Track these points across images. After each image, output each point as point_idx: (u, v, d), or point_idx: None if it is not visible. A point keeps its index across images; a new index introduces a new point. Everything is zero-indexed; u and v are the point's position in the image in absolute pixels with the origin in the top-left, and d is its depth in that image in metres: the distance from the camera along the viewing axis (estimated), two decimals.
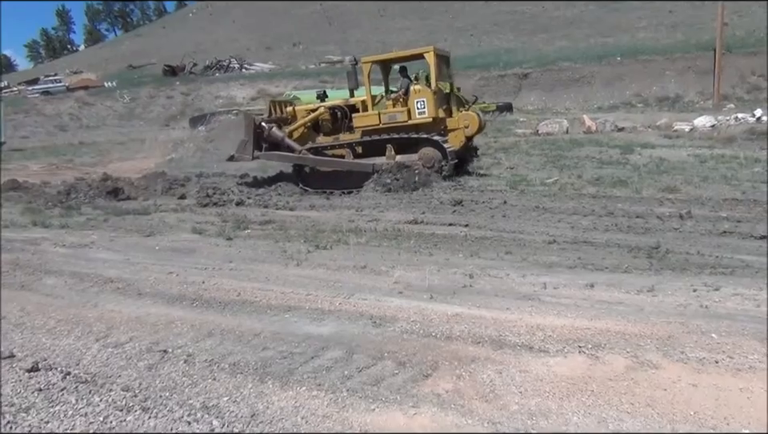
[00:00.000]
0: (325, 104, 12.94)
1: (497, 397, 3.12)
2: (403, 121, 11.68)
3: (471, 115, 11.91)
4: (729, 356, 3.43)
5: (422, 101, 11.54)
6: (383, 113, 11.90)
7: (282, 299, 4.82)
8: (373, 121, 11.98)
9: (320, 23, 65.37)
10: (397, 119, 11.77)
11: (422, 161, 11.35)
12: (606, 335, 3.77)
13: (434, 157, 11.36)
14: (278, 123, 12.88)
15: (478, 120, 11.85)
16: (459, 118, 11.87)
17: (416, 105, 11.59)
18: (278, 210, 9.29)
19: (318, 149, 12.38)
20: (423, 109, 11.50)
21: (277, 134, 12.60)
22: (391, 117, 11.83)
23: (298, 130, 12.80)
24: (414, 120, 11.61)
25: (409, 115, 11.65)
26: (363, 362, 3.59)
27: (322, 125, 12.67)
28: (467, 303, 4.52)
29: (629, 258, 5.70)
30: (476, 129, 11.83)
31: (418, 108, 11.57)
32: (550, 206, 8.54)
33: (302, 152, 12.28)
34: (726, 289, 4.58)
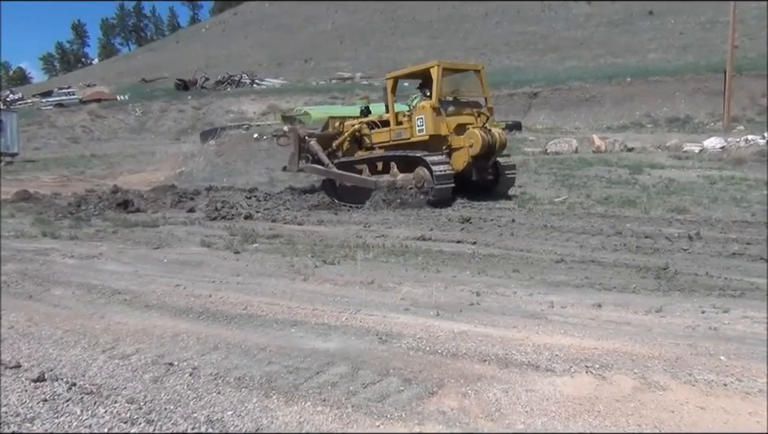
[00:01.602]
0: (363, 119, 13.15)
1: (502, 416, 3.10)
2: (406, 138, 11.63)
3: (474, 133, 11.10)
4: (738, 379, 3.39)
5: (421, 118, 11.30)
6: (393, 130, 11.88)
7: (288, 314, 4.82)
8: (385, 137, 12.06)
9: (331, 41, 65.96)
10: (401, 136, 11.74)
11: (414, 181, 11.18)
12: (614, 356, 3.74)
13: (424, 178, 11.02)
14: (324, 137, 13.30)
15: (483, 139, 10.95)
16: (464, 136, 11.30)
17: (416, 122, 11.43)
18: (286, 224, 9.33)
19: (344, 163, 12.52)
20: (422, 126, 11.26)
21: (313, 148, 13.01)
22: (398, 134, 11.82)
23: (343, 144, 13.13)
24: (414, 137, 11.51)
25: (411, 133, 11.57)
26: (369, 378, 3.57)
27: (362, 140, 12.92)
28: (474, 320, 4.50)
29: (637, 278, 5.67)
30: (479, 148, 10.95)
31: (417, 125, 11.38)
32: (558, 225, 8.53)
33: (329, 166, 12.50)
34: (735, 311, 4.55)
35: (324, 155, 12.83)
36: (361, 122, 13.10)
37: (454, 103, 11.75)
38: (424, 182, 10.95)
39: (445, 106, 11.41)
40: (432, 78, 11.27)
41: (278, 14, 78.48)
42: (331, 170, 12.61)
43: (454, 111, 11.55)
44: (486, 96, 12.16)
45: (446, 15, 68.03)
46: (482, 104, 12.01)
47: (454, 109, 11.60)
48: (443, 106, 11.37)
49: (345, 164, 12.65)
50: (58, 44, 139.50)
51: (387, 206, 10.69)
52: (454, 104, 11.75)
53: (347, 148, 13.15)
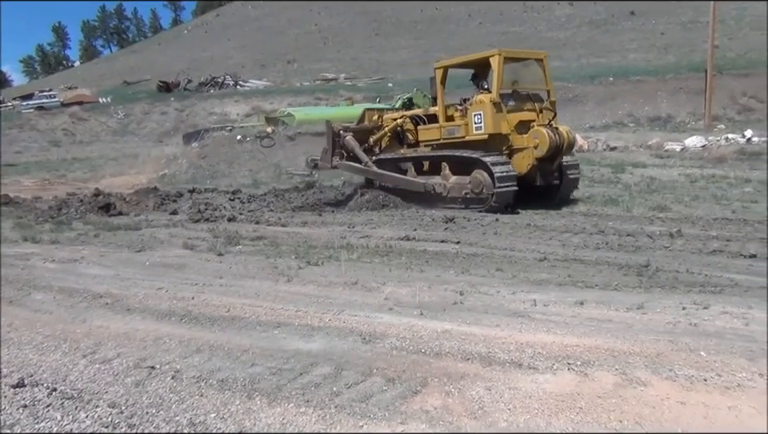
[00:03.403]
0: (406, 113, 12.03)
1: (485, 414, 3.11)
2: (460, 136, 10.35)
3: (540, 132, 9.77)
4: (717, 374, 3.43)
5: (479, 114, 9.93)
6: (444, 126, 10.66)
7: (271, 315, 4.80)
8: (434, 135, 10.87)
9: (314, 42, 65.86)
10: (454, 134, 10.47)
11: (471, 185, 9.94)
12: (595, 353, 3.77)
13: (482, 183, 9.72)
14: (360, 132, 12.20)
15: (550, 139, 9.64)
16: (528, 135, 9.93)
17: (473, 118, 10.03)
18: (270, 226, 9.29)
19: (385, 161, 11.53)
20: (480, 123, 9.89)
21: (349, 143, 11.95)
22: (450, 131, 10.55)
23: (383, 139, 12.07)
24: (470, 136, 10.17)
25: (467, 130, 10.23)
26: (352, 378, 3.57)
27: (404, 136, 11.77)
28: (457, 319, 4.52)
29: (619, 275, 5.72)
30: (546, 149, 9.65)
31: (475, 122, 9.99)
32: (541, 223, 8.58)
33: (368, 163, 11.54)
34: (715, 307, 4.60)
35: (362, 152, 11.78)
36: (404, 115, 11.88)
37: (514, 97, 10.33)
38: (483, 187, 9.74)
39: (505, 100, 10.07)
40: (492, 68, 9.97)
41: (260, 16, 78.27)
42: (371, 169, 11.54)
43: (514, 107, 10.17)
44: (548, 88, 10.74)
45: (429, 16, 68.20)
46: (543, 98, 10.62)
47: (514, 104, 10.21)
48: (503, 101, 10.04)
49: (385, 162, 11.54)
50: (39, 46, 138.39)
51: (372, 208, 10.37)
52: (514, 98, 10.32)
53: (386, 144, 12.04)
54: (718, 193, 10.51)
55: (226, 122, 26.46)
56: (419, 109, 11.96)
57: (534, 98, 10.44)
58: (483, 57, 10.38)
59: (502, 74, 9.91)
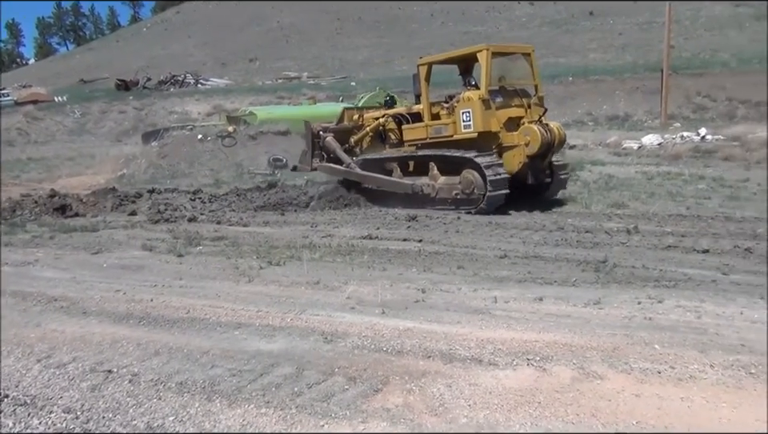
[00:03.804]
0: (388, 111, 11.51)
1: (446, 411, 3.13)
2: (448, 135, 9.90)
3: (531, 129, 9.45)
4: (671, 367, 3.52)
5: (467, 111, 9.53)
6: (431, 125, 10.21)
7: (232, 316, 4.76)
8: (420, 134, 10.42)
9: (277, 40, 65.35)
10: (442, 133, 10.03)
11: (462, 186, 9.57)
12: (554, 348, 3.83)
13: (473, 183, 9.37)
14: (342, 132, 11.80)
15: (542, 136, 9.36)
16: (519, 132, 9.58)
17: (462, 116, 9.61)
18: (231, 226, 9.18)
19: (367, 162, 11.10)
20: (469, 121, 9.49)
21: (330, 144, 11.58)
22: (437, 130, 10.12)
23: (364, 139, 11.64)
24: (459, 134, 9.73)
25: (455, 129, 9.80)
26: (313, 378, 3.56)
27: (386, 136, 11.30)
28: (419, 317, 4.54)
29: (577, 272, 5.82)
30: (538, 146, 9.34)
31: (463, 120, 9.58)
32: (502, 221, 8.66)
33: (350, 165, 11.14)
34: (669, 301, 4.71)
35: (344, 153, 11.43)
36: (386, 114, 11.39)
37: (502, 93, 9.89)
38: (474, 187, 9.37)
39: (493, 97, 9.66)
40: (480, 63, 9.58)
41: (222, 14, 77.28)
42: (353, 171, 11.09)
43: (502, 103, 9.74)
44: (536, 83, 10.32)
45: (391, 15, 68.24)
46: (530, 93, 10.25)
47: (502, 100, 9.78)
48: (492, 97, 9.63)
49: (369, 163, 11.10)
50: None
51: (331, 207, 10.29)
52: (502, 94, 9.88)
53: (368, 144, 11.60)
54: (673, 190, 10.76)
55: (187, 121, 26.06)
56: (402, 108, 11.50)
57: (521, 94, 10.11)
58: (470, 52, 10.09)
59: (491, 70, 9.56)
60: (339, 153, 11.51)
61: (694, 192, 10.56)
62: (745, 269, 5.80)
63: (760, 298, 4.76)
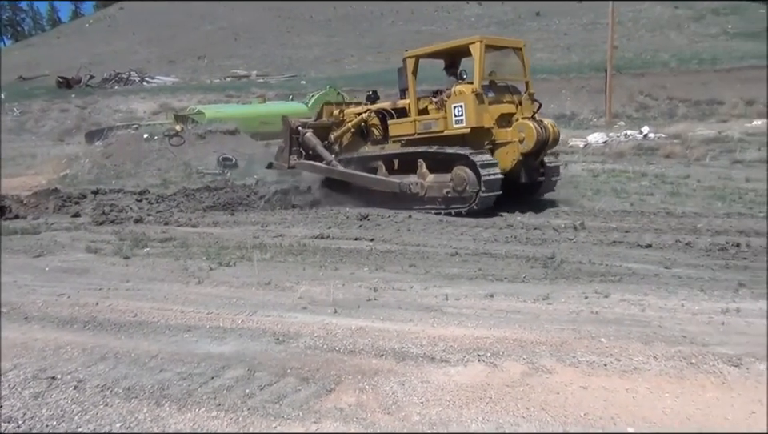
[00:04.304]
0: (371, 107, 11.05)
1: (399, 409, 3.15)
2: (439, 131, 9.51)
3: (526, 126, 9.12)
4: (616, 359, 3.62)
5: (459, 106, 9.13)
6: (419, 120, 9.79)
7: (181, 319, 4.67)
8: (408, 129, 9.97)
9: (225, 38, 64.40)
10: (432, 128, 9.61)
11: (453, 183, 9.20)
12: (504, 343, 3.89)
13: (466, 180, 9.00)
14: (321, 128, 11.36)
15: (537, 132, 9.05)
16: (512, 129, 9.29)
17: (453, 111, 9.21)
18: (180, 226, 9.01)
19: (349, 160, 10.70)
20: (461, 116, 9.11)
21: (310, 141, 11.11)
22: (426, 125, 9.69)
23: (345, 136, 11.19)
24: (450, 130, 9.35)
25: (445, 124, 9.41)
26: (265, 379, 3.52)
27: (369, 132, 10.92)
28: (371, 316, 4.55)
29: (526, 268, 5.92)
30: (533, 144, 9.05)
31: (455, 115, 9.19)
32: (452, 219, 8.75)
33: (332, 162, 10.72)
34: (614, 296, 4.84)
35: (325, 150, 10.98)
36: (368, 109, 10.97)
37: (493, 88, 9.61)
38: (466, 185, 9.00)
39: (485, 92, 9.36)
40: (473, 57, 9.24)
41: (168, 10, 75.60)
42: (335, 169, 10.65)
43: (494, 98, 9.44)
44: (527, 79, 10.05)
45: (342, 14, 68.09)
46: (519, 90, 9.95)
47: (494, 95, 9.49)
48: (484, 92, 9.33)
49: (351, 160, 10.69)
50: None
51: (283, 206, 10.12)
52: (493, 89, 9.60)
53: (348, 141, 11.19)
54: (618, 187, 11.07)
55: (132, 120, 25.42)
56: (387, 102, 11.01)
57: (512, 90, 9.86)
58: (462, 44, 9.71)
59: (484, 64, 9.24)
60: (320, 149, 11.07)
61: (638, 189, 10.88)
62: (686, 263, 6.02)
63: (700, 290, 4.93)
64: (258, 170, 14.73)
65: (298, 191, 11.52)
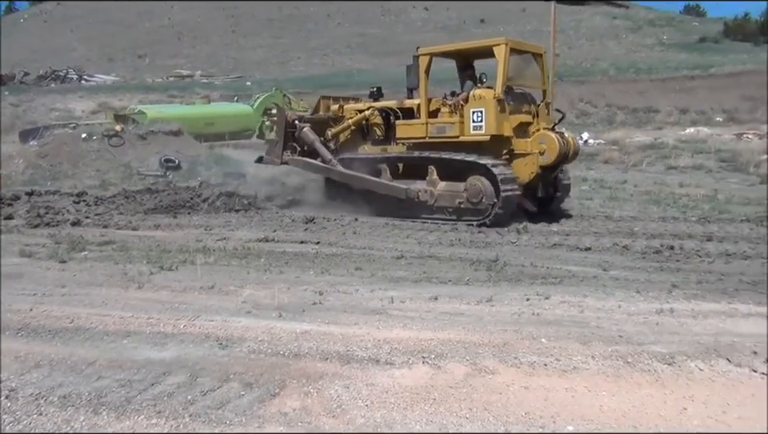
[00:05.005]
0: (374, 104, 10.41)
1: (343, 412, 3.15)
2: (453, 136, 8.93)
3: (549, 137, 8.66)
4: (556, 359, 3.71)
5: (479, 111, 8.59)
6: (432, 123, 9.18)
7: (120, 325, 4.54)
8: (419, 132, 9.31)
9: (168, 37, 63.13)
10: (446, 133, 9.02)
11: (467, 193, 8.67)
12: (448, 345, 3.94)
13: (482, 192, 8.49)
14: (319, 123, 10.73)
15: (559, 145, 8.59)
16: (533, 139, 8.79)
17: (472, 116, 8.65)
18: (120, 229, 8.77)
19: (352, 160, 10.11)
20: (480, 122, 8.57)
21: (308, 136, 10.41)
22: (440, 129, 9.10)
23: (343, 134, 10.59)
24: (466, 136, 8.77)
25: (461, 129, 8.85)
26: (208, 385, 3.47)
27: (369, 131, 10.30)
28: (316, 319, 4.53)
29: (470, 271, 6.01)
30: (554, 156, 8.57)
31: (473, 120, 8.62)
32: (398, 223, 8.81)
33: (332, 162, 10.12)
34: (555, 297, 4.97)
35: (325, 149, 10.35)
36: (372, 107, 10.32)
37: (511, 95, 9.01)
38: (482, 197, 8.47)
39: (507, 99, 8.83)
40: (497, 59, 8.72)
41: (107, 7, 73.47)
42: (334, 169, 10.06)
43: (513, 106, 8.94)
44: (545, 88, 9.58)
45: (288, 15, 67.67)
46: (534, 98, 9.52)
47: (513, 103, 8.96)
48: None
49: (351, 161, 10.06)
50: None
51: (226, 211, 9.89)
52: (512, 96, 9.03)
53: (346, 139, 10.59)
54: None
55: (70, 119, 24.61)
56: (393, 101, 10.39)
57: (528, 98, 9.40)
58: (484, 45, 9.23)
59: (509, 67, 8.75)
60: (318, 146, 10.42)
61: (578, 193, 11.18)
62: (623, 265, 6.22)
63: (636, 292, 5.11)
64: (203, 171, 14.50)
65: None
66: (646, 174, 13.86)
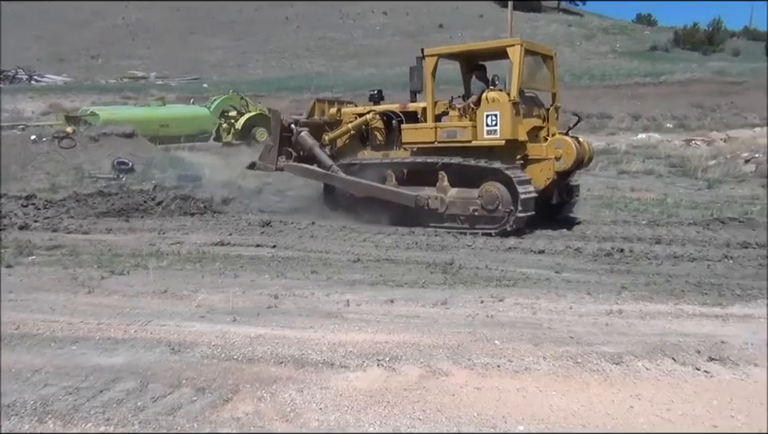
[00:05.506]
0: (375, 108, 9.96)
1: (297, 416, 3.13)
2: (466, 141, 8.55)
3: (565, 142, 8.50)
4: (509, 360, 3.76)
5: (494, 114, 8.24)
6: (441, 127, 8.80)
7: (68, 331, 4.43)
8: (427, 137, 8.89)
9: (122, 37, 61.91)
10: (457, 137, 8.64)
11: (481, 200, 8.31)
12: (403, 348, 3.96)
13: (498, 198, 8.17)
14: (314, 127, 10.26)
15: (577, 150, 8.44)
16: (549, 144, 8.60)
17: (486, 119, 8.30)
18: (70, 233, 8.55)
19: (354, 166, 9.66)
20: (495, 126, 8.23)
21: (306, 141, 9.93)
22: (450, 133, 8.71)
23: (341, 138, 10.12)
24: (479, 141, 8.41)
25: (474, 134, 8.50)
26: (159, 391, 3.41)
27: (370, 135, 9.87)
28: (271, 323, 4.50)
29: (426, 273, 6.05)
30: (571, 162, 8.44)
31: (487, 124, 8.28)
32: (355, 226, 8.81)
33: (332, 168, 9.65)
34: (508, 299, 5.04)
35: (324, 154, 9.89)
36: (372, 111, 9.88)
37: (522, 98, 8.65)
38: (498, 204, 8.16)
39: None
40: (512, 61, 8.39)
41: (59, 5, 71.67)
42: (336, 176, 9.60)
43: (526, 110, 8.68)
44: (555, 91, 9.38)
45: (247, 17, 67.04)
46: (542, 102, 9.27)
47: (525, 107, 8.68)
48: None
49: (354, 167, 9.66)
50: None
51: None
52: (523, 100, 8.70)
53: (344, 144, 10.12)
54: None
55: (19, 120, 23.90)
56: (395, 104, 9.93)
57: (537, 102, 9.15)
58: (497, 46, 8.99)
59: (524, 69, 8.46)
60: (317, 152, 9.94)
61: None
62: (575, 267, 6.35)
63: (587, 293, 5.22)
64: (157, 174, 14.25)
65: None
66: (599, 179, 14.17)
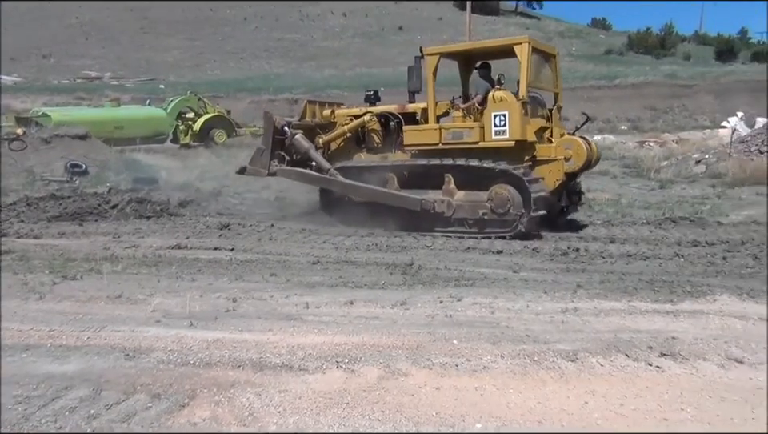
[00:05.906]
0: (372, 109, 9.65)
1: (255, 419, 3.11)
2: (473, 142, 8.27)
3: (575, 142, 8.36)
4: (467, 359, 3.80)
5: (502, 115, 8.01)
6: (446, 128, 8.52)
7: (18, 338, 4.30)
8: (430, 138, 8.59)
9: (75, 37, 60.49)
10: (463, 138, 8.34)
11: (491, 203, 8.10)
12: (362, 349, 3.96)
13: (509, 200, 7.96)
14: (311, 129, 9.92)
15: (587, 150, 8.29)
16: (558, 144, 8.41)
17: (493, 120, 8.06)
18: (20, 238, 8.30)
19: (353, 169, 9.33)
20: (503, 126, 7.98)
21: (301, 144, 9.58)
22: (456, 134, 8.42)
23: (336, 141, 9.78)
24: (487, 142, 8.16)
25: (482, 135, 8.26)
26: (113, 398, 3.34)
27: (366, 138, 9.53)
28: (229, 327, 4.45)
29: (386, 275, 6.07)
30: (582, 163, 8.29)
31: (495, 125, 8.04)
32: (315, 228, 8.78)
33: (330, 171, 9.31)
34: (467, 299, 5.08)
35: (321, 157, 9.55)
36: (369, 112, 9.58)
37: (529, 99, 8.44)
38: (509, 207, 7.93)
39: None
40: (519, 59, 8.18)
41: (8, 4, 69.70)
42: (334, 180, 9.25)
43: (532, 110, 8.50)
44: (557, 91, 9.20)
45: (203, 17, 66.19)
46: (544, 102, 9.02)
47: (531, 106, 8.48)
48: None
49: (353, 170, 9.33)
50: None
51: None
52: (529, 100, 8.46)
53: (339, 146, 9.81)
54: None
55: None
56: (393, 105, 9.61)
57: (540, 102, 8.92)
58: (503, 44, 8.80)
59: (531, 68, 8.28)
60: (314, 155, 9.58)
61: None
62: (532, 267, 6.45)
63: (543, 292, 5.29)
64: (112, 177, 13.97)
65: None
66: None
